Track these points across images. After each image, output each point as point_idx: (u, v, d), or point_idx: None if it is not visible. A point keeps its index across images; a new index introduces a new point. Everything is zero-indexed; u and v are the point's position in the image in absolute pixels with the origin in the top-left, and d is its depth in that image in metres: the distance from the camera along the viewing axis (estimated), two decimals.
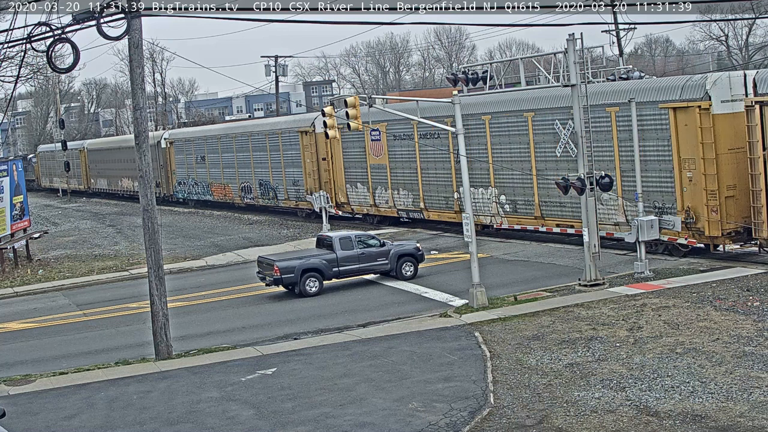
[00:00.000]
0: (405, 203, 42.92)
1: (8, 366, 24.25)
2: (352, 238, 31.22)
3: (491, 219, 37.73)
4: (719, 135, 28.40)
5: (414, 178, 41.86)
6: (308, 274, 30.13)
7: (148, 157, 23.82)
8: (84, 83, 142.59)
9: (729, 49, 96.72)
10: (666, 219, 29.20)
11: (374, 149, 44.20)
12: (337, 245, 30.65)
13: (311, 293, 30.03)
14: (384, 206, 44.33)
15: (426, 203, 41.42)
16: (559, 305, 24.90)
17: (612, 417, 16.08)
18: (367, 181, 45.04)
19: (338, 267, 30.49)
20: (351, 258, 30.71)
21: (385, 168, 43.65)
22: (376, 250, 31.18)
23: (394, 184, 43.28)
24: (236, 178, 56.57)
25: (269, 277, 30.09)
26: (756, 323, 21.04)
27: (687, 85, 29.01)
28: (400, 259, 31.37)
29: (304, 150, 49.28)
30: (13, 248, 42.86)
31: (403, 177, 42.55)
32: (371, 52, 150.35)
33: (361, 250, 30.94)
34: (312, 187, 48.76)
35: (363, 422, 16.76)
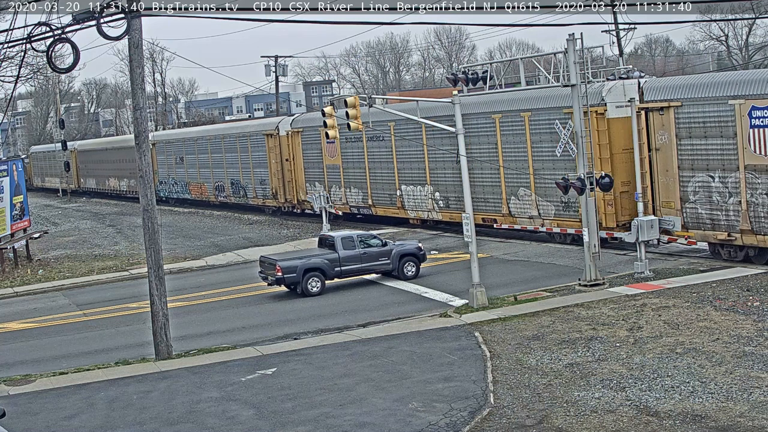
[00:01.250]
0: (356, 200, 46.20)
1: (8, 366, 24.25)
2: (354, 237, 31.20)
3: (428, 214, 41.65)
4: (614, 137, 31.88)
5: (363, 178, 45.30)
6: (310, 273, 30.12)
7: (148, 157, 23.81)
8: (84, 83, 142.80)
9: (729, 49, 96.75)
10: (666, 219, 29.25)
11: (329, 151, 47.33)
12: (339, 245, 30.63)
13: (313, 293, 30.02)
14: (338, 203, 47.37)
15: (374, 200, 44.88)
16: (559, 305, 24.90)
17: (612, 417, 16.08)
18: (324, 180, 48.35)
19: (340, 267, 30.48)
20: (353, 258, 30.69)
21: (338, 168, 46.97)
22: (378, 249, 31.18)
23: (347, 183, 46.68)
24: (211, 177, 60.32)
25: (271, 276, 30.08)
26: (756, 323, 21.04)
27: (593, 91, 31.13)
28: (402, 259, 31.37)
29: (269, 152, 52.81)
30: (13, 248, 42.86)
31: (354, 176, 45.95)
32: (371, 52, 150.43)
33: (363, 249, 30.92)
34: (276, 186, 52.72)
35: (363, 422, 16.76)
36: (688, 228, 29.78)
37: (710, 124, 28.39)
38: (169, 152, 65.77)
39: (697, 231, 29.38)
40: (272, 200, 53.58)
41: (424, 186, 41.24)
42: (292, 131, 50.99)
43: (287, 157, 51.52)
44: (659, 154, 30.15)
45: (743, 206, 27.83)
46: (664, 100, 29.76)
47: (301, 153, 50.06)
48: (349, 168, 46.37)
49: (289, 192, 52.10)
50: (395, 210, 43.52)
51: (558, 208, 34.33)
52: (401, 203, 43.05)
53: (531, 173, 35.07)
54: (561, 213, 34.25)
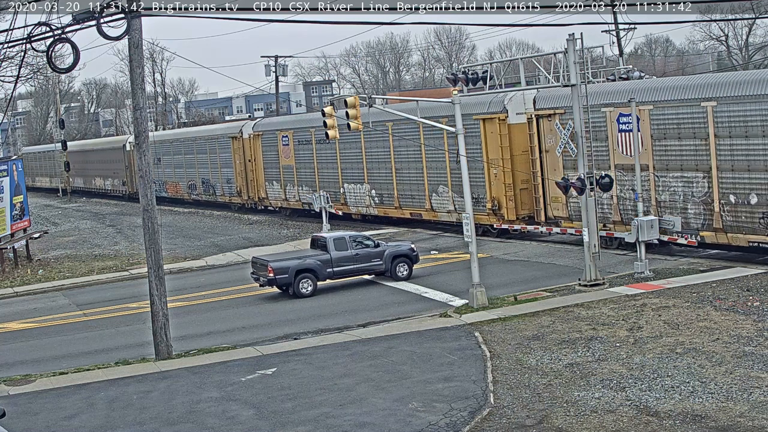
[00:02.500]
0: (308, 198, 49.21)
1: (8, 366, 24.25)
2: (347, 238, 30.99)
3: (366, 209, 45.74)
4: (514, 140, 35.98)
5: (313, 177, 49.53)
6: (302, 274, 29.94)
7: (148, 157, 23.81)
8: (84, 83, 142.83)
9: (729, 49, 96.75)
10: (666, 219, 29.28)
11: (284, 152, 51.75)
12: (331, 246, 30.45)
13: (306, 294, 29.88)
14: (293, 200, 51.71)
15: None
16: (559, 305, 24.90)
17: (612, 417, 16.08)
18: (280, 179, 52.61)
19: (332, 268, 30.30)
20: (345, 259, 30.52)
21: (292, 168, 51.20)
22: (371, 250, 30.99)
23: (300, 182, 50.87)
24: (185, 177, 64.52)
25: (263, 277, 29.91)
26: (756, 323, 21.04)
27: (492, 101, 35.76)
28: (394, 260, 31.17)
29: (234, 153, 57.02)
30: (13, 248, 42.86)
31: (306, 176, 50.24)
32: (371, 52, 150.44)
33: (355, 250, 30.72)
34: (241, 184, 56.96)
35: (363, 422, 16.76)
36: (572, 220, 34.19)
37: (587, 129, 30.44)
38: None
39: (579, 222, 32.03)
40: (237, 197, 57.72)
41: (363, 184, 45.26)
42: (253, 134, 54.96)
43: (250, 158, 55.37)
44: (548, 155, 34.62)
45: (614, 200, 31.99)
46: (551, 108, 33.87)
47: (261, 154, 54.05)
48: (301, 168, 50.44)
49: (252, 190, 56.00)
50: (340, 206, 47.02)
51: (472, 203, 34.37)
52: (344, 200, 46.86)
53: (448, 173, 39.23)
54: (475, 207, 35.64)
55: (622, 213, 31.52)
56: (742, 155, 27.73)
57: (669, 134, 29.87)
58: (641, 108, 30.03)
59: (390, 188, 43.18)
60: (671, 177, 30.11)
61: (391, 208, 43.32)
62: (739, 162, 27.85)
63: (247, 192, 56.50)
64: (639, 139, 29.89)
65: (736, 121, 27.74)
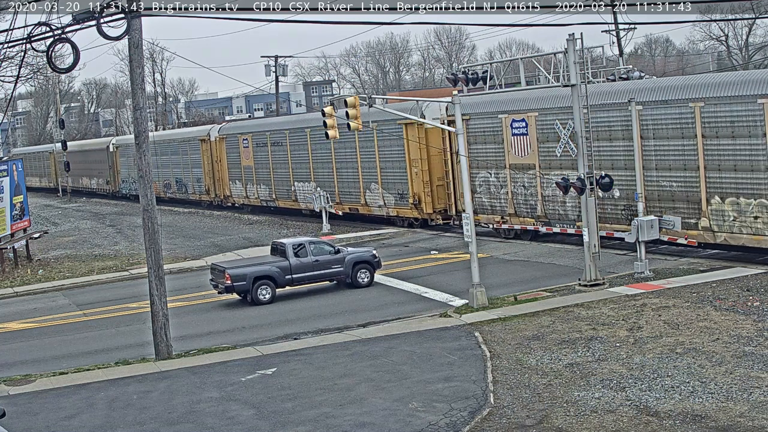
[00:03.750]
0: (265, 195, 54.58)
1: (8, 366, 24.25)
2: (306, 244, 30.33)
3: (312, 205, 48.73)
4: (430, 143, 40.81)
5: (269, 176, 53.82)
6: (260, 281, 29.36)
7: (148, 157, 23.82)
8: (84, 83, 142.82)
9: (729, 49, 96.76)
10: (666, 219, 29.28)
11: (245, 154, 56.17)
12: (290, 252, 29.85)
13: (264, 302, 29.33)
14: (253, 198, 56.11)
15: (277, 195, 53.50)
16: (559, 305, 24.90)
17: (612, 417, 16.08)
18: (242, 178, 56.89)
19: (291, 275, 29.72)
20: (305, 265, 29.87)
21: (252, 169, 55.57)
22: (331, 257, 30.29)
23: (258, 181, 55.13)
24: (161, 177, 67.91)
25: (221, 285, 29.32)
26: (756, 323, 21.04)
27: (413, 108, 38.93)
28: (355, 266, 30.46)
29: (203, 154, 61.35)
30: (13, 248, 42.86)
31: (263, 175, 54.58)
32: (371, 52, 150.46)
33: (315, 257, 30.09)
34: (209, 183, 61.54)
35: (363, 422, 16.76)
36: (477, 213, 37.48)
37: (488, 133, 37.00)
38: (129, 155, 72.18)
39: (483, 215, 38.14)
40: (206, 195, 62.22)
41: (310, 182, 49.66)
42: (219, 137, 59.37)
43: (217, 159, 59.91)
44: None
45: (509, 196, 36.76)
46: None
47: (226, 156, 58.63)
48: (259, 168, 54.80)
49: (218, 188, 60.39)
50: (291, 202, 51.77)
51: (396, 199, 43.21)
52: (295, 197, 51.36)
53: (378, 172, 43.83)
54: (398, 203, 43.23)
55: (515, 206, 36.86)
56: (607, 155, 32.05)
57: (550, 138, 33.94)
58: (529, 115, 33.08)
59: (332, 186, 47.68)
60: (553, 174, 33.82)
61: (333, 204, 47.21)
62: (605, 161, 31.81)
63: (215, 190, 60.94)
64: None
65: (603, 126, 32.06)
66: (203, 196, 62.62)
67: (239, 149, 56.70)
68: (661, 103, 30.10)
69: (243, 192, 57.00)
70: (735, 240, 28.58)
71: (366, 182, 45.05)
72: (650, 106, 30.38)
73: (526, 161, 35.50)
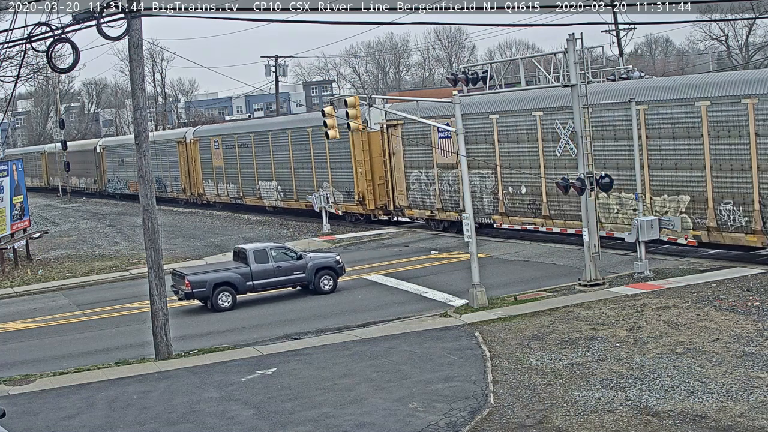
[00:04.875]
0: (234, 193, 58.70)
1: (8, 366, 24.25)
2: (267, 250, 29.97)
3: (275, 203, 54.17)
4: (372, 145, 44.63)
5: (236, 176, 57.97)
6: (221, 288, 29.08)
7: (148, 156, 23.83)
8: (84, 83, 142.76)
9: (729, 49, 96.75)
10: (666, 219, 29.29)
11: (216, 155, 60.34)
12: (251, 258, 29.55)
13: (224, 308, 29.06)
14: (223, 195, 60.21)
15: (243, 193, 57.59)
16: (559, 305, 24.89)
17: (612, 417, 16.08)
18: (213, 178, 61.11)
19: (252, 281, 29.45)
20: (266, 271, 29.60)
21: (222, 169, 59.84)
22: (293, 263, 29.99)
23: (227, 180, 59.35)
24: None
25: (182, 291, 29.10)
26: (756, 323, 21.04)
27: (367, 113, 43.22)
28: (318, 273, 30.18)
29: (180, 155, 64.99)
30: (13, 248, 42.85)
31: (231, 175, 58.80)
32: (371, 52, 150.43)
33: (276, 263, 29.81)
34: (185, 182, 65.11)
35: (363, 422, 16.76)
36: (411, 208, 43.12)
37: (420, 136, 41.19)
38: (114, 155, 78.18)
39: (416, 210, 42.75)
40: (183, 194, 65.85)
41: (272, 181, 53.63)
42: (193, 139, 63.45)
43: (192, 160, 63.83)
44: (395, 157, 43.38)
45: (437, 192, 40.83)
46: (396, 120, 41.65)
47: (199, 157, 62.66)
48: (228, 168, 59.02)
49: (194, 187, 64.29)
50: (256, 200, 55.85)
51: (344, 196, 47.00)
52: (259, 195, 55.28)
53: (329, 172, 47.95)
54: (346, 200, 46.83)
55: (442, 201, 40.80)
56: (516, 156, 36.42)
57: (470, 140, 36.89)
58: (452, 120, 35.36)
59: (291, 185, 51.96)
60: (474, 173, 36.70)
61: (291, 201, 51.92)
62: (514, 161, 36.50)
63: (190, 189, 64.79)
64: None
65: (513, 130, 36.17)
66: (180, 194, 66.26)
67: (211, 151, 60.95)
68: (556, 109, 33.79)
69: (215, 190, 61.05)
70: (618, 230, 31.88)
71: (319, 181, 48.82)
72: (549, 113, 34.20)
73: (451, 161, 39.26)
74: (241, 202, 57.82)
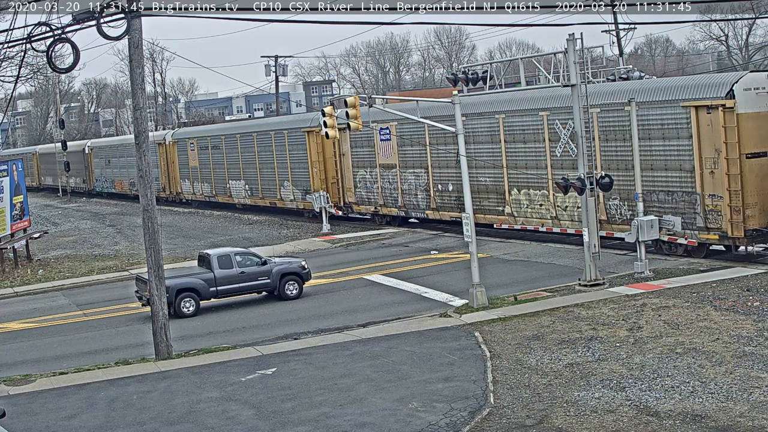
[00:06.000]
0: (208, 192, 62.51)
1: (8, 366, 24.26)
2: (232, 256, 29.73)
3: (243, 200, 57.61)
4: (326, 148, 48.33)
5: (210, 176, 61.87)
6: (183, 294, 28.78)
7: (148, 156, 23.86)
8: (84, 83, 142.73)
9: (729, 49, 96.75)
10: (665, 219, 29.30)
11: (192, 156, 64.09)
12: (215, 264, 29.28)
13: (187, 314, 28.75)
14: (198, 194, 64.09)
15: (216, 192, 61.19)
16: (559, 305, 24.89)
17: (612, 417, 16.08)
18: (190, 177, 64.83)
19: (216, 287, 29.17)
20: (230, 277, 29.28)
21: (197, 169, 63.46)
22: (257, 268, 29.70)
23: (202, 179, 63.16)
24: (127, 176, 75.13)
25: (145, 296, 28.41)
26: (756, 323, 21.04)
27: (313, 118, 48.81)
28: (283, 278, 29.90)
29: (159, 156, 68.18)
30: (13, 248, 42.85)
31: (205, 175, 62.61)
32: (371, 52, 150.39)
33: (241, 268, 29.57)
34: (164, 182, 68.82)
35: (363, 422, 16.76)
36: (359, 204, 46.50)
37: (364, 139, 44.51)
38: (101, 156, 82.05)
39: (363, 206, 46.23)
40: (162, 192, 68.27)
41: (240, 180, 57.42)
42: (172, 141, 67.11)
43: (171, 161, 67.57)
44: (344, 158, 46.99)
45: (380, 190, 44.64)
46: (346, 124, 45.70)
47: (177, 158, 66.31)
48: (203, 169, 62.70)
49: (172, 186, 68.21)
50: (227, 197, 59.59)
51: (302, 194, 50.29)
52: (230, 193, 59.06)
53: (289, 171, 51.29)
54: (304, 198, 49.85)
55: (384, 198, 44.49)
56: (444, 157, 39.60)
57: (406, 143, 41.92)
58: (391, 123, 40.53)
59: (257, 183, 55.51)
60: (409, 172, 42.31)
61: (258, 198, 55.73)
62: (441, 161, 40.08)
63: (169, 188, 68.43)
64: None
65: (440, 136, 38.91)
66: (160, 193, 68.44)
67: (187, 152, 64.85)
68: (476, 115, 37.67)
69: (191, 189, 64.93)
70: (528, 223, 35.97)
71: (281, 180, 52.76)
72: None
73: (391, 162, 43.50)
74: (214, 199, 61.45)
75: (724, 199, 28.51)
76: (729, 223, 28.49)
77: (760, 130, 28.14)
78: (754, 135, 27.94)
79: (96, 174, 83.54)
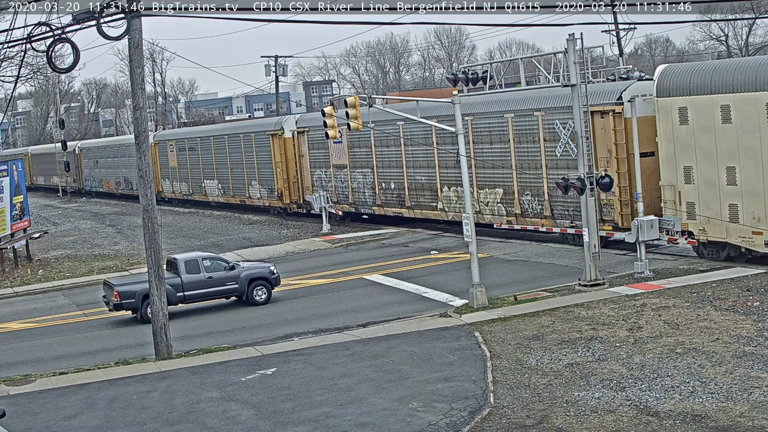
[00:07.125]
0: (185, 190, 65.91)
1: (8, 366, 24.26)
2: (199, 261, 29.42)
3: (216, 198, 61.02)
4: (287, 149, 51.73)
5: (187, 175, 65.07)
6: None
7: (148, 156, 23.84)
8: (84, 83, 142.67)
9: (729, 49, 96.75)
10: (665, 219, 29.30)
11: (171, 157, 67.38)
12: (182, 269, 28.99)
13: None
14: (177, 192, 67.43)
15: (193, 190, 64.38)
16: (559, 305, 24.90)
17: (612, 417, 16.09)
18: (170, 177, 68.17)
19: (183, 292, 28.79)
20: (197, 282, 28.98)
21: (176, 169, 66.89)
22: (225, 273, 29.39)
23: (180, 179, 66.48)
24: (113, 175, 79.21)
25: (111, 301, 28.60)
26: (756, 323, 21.05)
27: (276, 122, 53.40)
28: (251, 283, 29.62)
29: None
30: (13, 248, 42.85)
31: (183, 174, 65.91)
32: (371, 52, 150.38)
33: (208, 273, 29.16)
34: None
35: (363, 422, 16.76)
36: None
37: (320, 142, 47.87)
38: (90, 157, 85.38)
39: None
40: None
41: (214, 180, 60.94)
42: (154, 143, 68.65)
43: (154, 161, 66.60)
44: (303, 158, 50.69)
45: (333, 188, 47.72)
46: (304, 128, 50.06)
47: (158, 158, 68.65)
48: (181, 169, 66.05)
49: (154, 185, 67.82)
50: (203, 196, 62.93)
51: (268, 192, 53.58)
52: (205, 192, 62.47)
53: (256, 171, 54.56)
54: (269, 196, 53.49)
55: (337, 195, 47.54)
56: (387, 158, 43.32)
57: (356, 145, 45.23)
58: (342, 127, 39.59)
59: (228, 182, 58.99)
60: (358, 172, 45.70)
61: (229, 197, 59.09)
62: (387, 162, 43.34)
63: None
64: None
65: (383, 138, 42.41)
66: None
67: (167, 153, 68.15)
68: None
69: (171, 188, 68.17)
70: (457, 217, 37.25)
71: (249, 180, 56.01)
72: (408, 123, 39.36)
73: (342, 162, 46.88)
74: (191, 198, 64.92)
75: (615, 194, 31.51)
76: (620, 215, 31.88)
77: (647, 132, 30.25)
78: (641, 137, 29.75)
79: (85, 174, 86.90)
